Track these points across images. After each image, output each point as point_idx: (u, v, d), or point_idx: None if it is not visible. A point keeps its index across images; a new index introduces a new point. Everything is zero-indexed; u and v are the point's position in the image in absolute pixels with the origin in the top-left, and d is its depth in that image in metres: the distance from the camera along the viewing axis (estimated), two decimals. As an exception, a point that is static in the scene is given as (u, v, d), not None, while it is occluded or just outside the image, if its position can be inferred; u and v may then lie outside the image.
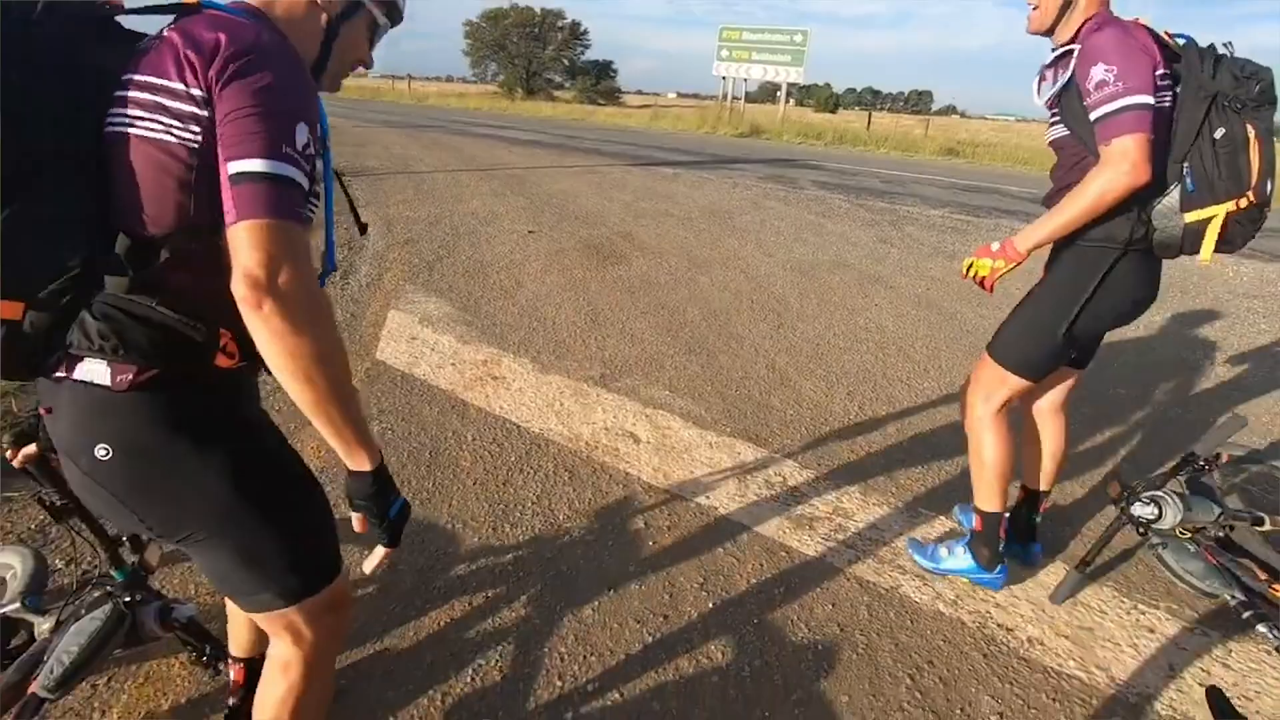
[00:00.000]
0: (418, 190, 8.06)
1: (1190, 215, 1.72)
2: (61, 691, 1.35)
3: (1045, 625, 2.16)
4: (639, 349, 4.04)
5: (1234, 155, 1.64)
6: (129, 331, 0.96)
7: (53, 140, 0.93)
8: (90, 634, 1.40)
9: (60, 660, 1.36)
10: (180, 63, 0.93)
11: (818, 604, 2.21)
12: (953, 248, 6.65)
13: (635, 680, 1.91)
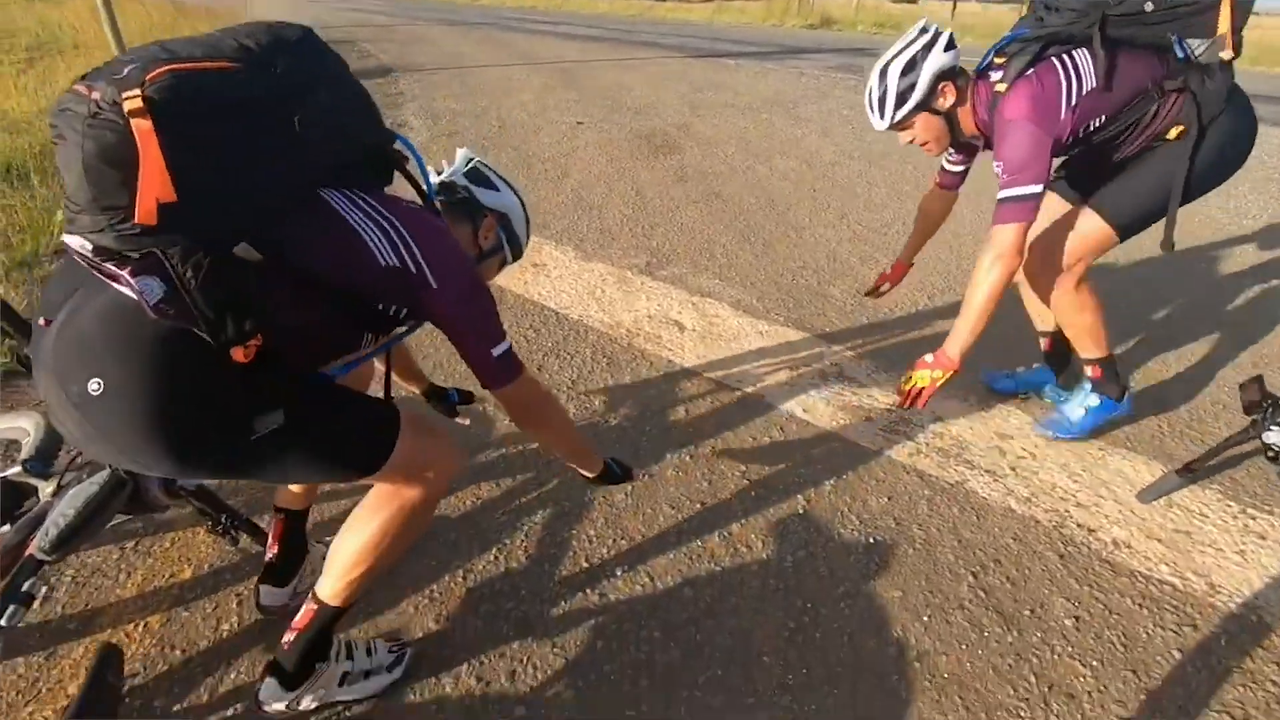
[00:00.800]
0: (465, 85, 7.74)
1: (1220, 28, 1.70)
2: (59, 553, 1.30)
3: (1134, 527, 1.92)
4: (688, 237, 3.78)
5: None
6: (215, 284, 0.99)
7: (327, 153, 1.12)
8: (87, 498, 1.34)
9: (56, 523, 1.30)
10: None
11: (872, 497, 2.01)
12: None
13: (667, 566, 1.78)
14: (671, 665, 1.54)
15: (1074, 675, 1.53)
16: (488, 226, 1.50)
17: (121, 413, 1.01)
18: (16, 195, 3.78)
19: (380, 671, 1.47)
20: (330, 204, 1.14)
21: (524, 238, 1.59)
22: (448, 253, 1.25)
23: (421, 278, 1.19)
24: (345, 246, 1.14)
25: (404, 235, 1.18)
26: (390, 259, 1.16)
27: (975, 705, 1.47)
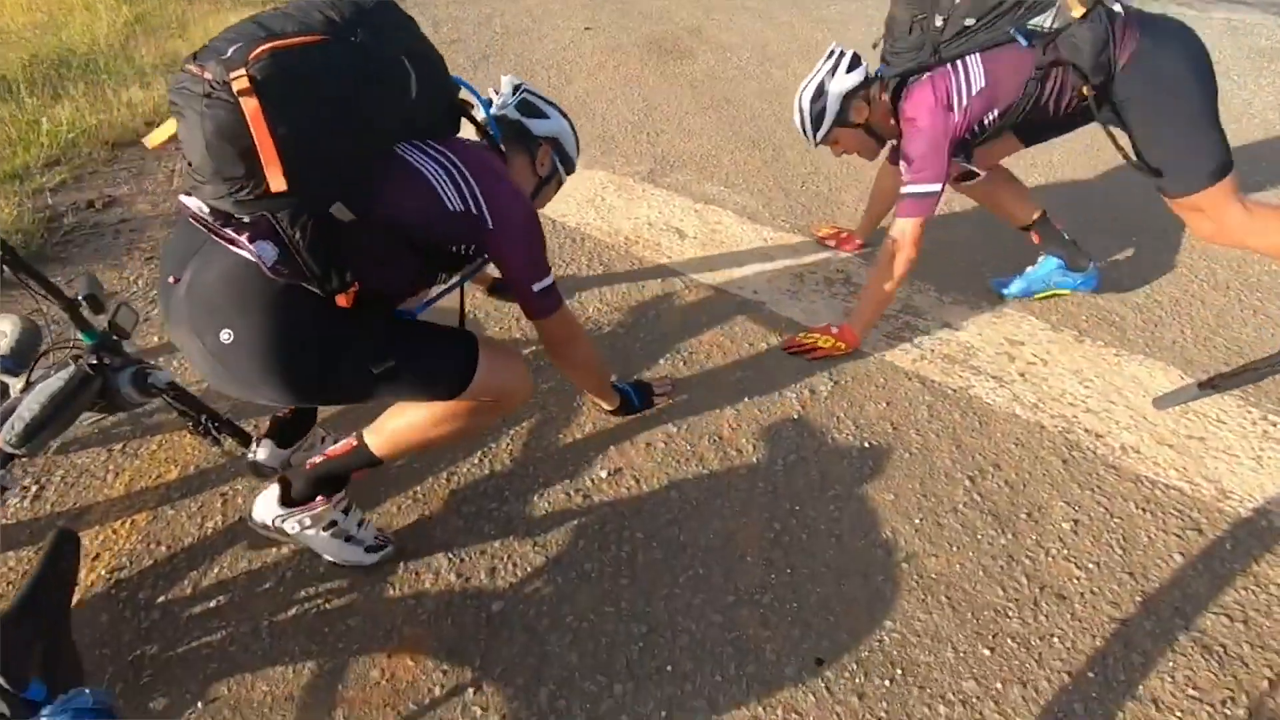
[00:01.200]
0: (469, -9, 7.36)
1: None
2: (26, 446, 1.29)
3: (1144, 433, 1.83)
4: (695, 144, 3.60)
5: None
6: (320, 243, 1.14)
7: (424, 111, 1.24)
8: (52, 392, 1.32)
9: (22, 416, 1.29)
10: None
11: (870, 402, 1.94)
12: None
13: (653, 470, 1.74)
14: (652, 564, 1.52)
15: (1068, 577, 1.49)
16: (543, 154, 1.59)
17: (251, 357, 1.18)
18: (5, 107, 3.70)
19: (359, 545, 1.49)
20: (406, 159, 1.25)
21: (575, 155, 1.69)
22: (505, 194, 1.34)
23: (482, 218, 1.30)
24: (421, 197, 1.25)
25: (468, 180, 1.28)
26: (457, 204, 1.27)
27: (962, 604, 1.44)
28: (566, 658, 1.35)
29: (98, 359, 1.41)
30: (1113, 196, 2.99)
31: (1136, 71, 1.78)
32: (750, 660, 1.34)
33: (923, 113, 1.86)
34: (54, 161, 3.34)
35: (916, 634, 1.39)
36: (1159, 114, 1.83)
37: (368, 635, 1.38)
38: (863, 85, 1.99)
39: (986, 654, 1.35)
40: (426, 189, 1.25)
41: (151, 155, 3.52)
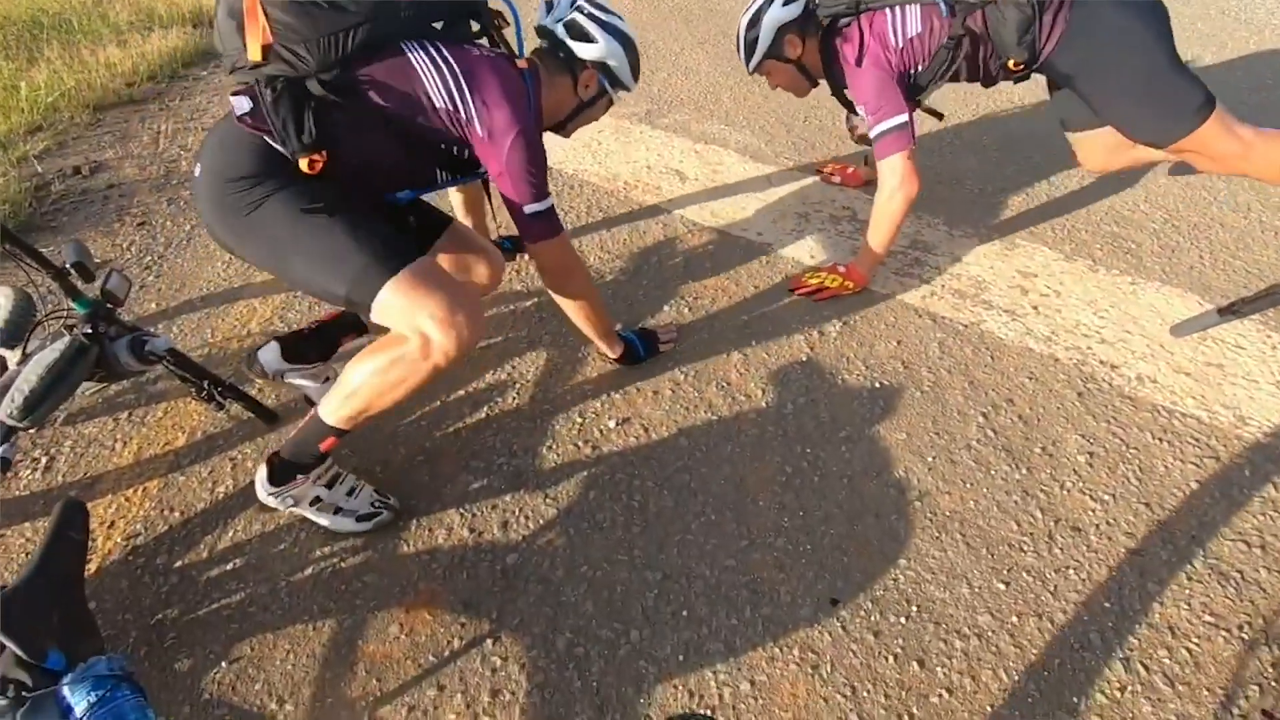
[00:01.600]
0: (451, -71, 7.04)
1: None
2: (28, 419, 1.28)
3: (1161, 362, 1.80)
4: (693, 82, 3.47)
5: None
6: (284, 102, 1.25)
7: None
8: (49, 364, 1.30)
9: (20, 389, 1.28)
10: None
11: (880, 341, 1.91)
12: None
13: (662, 418, 1.73)
14: (664, 511, 1.52)
15: (1083, 510, 1.48)
16: (587, 78, 1.58)
17: (204, 187, 1.33)
18: (-19, 72, 3.59)
19: (349, 515, 1.48)
20: (404, 51, 1.33)
21: (631, 76, 1.64)
22: (501, 104, 1.36)
23: (470, 123, 1.36)
24: (405, 86, 1.32)
25: (460, 81, 1.34)
26: (444, 100, 1.34)
27: (976, 540, 1.43)
28: (582, 607, 1.36)
29: (93, 328, 1.39)
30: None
31: (1070, 50, 1.77)
32: (765, 602, 1.35)
33: (860, 52, 1.85)
34: (36, 128, 3.25)
35: (931, 571, 1.39)
36: (1107, 79, 1.79)
37: (384, 591, 1.39)
38: (799, 20, 1.94)
39: (1001, 588, 1.35)
40: (413, 80, 1.33)
41: (136, 117, 3.43)
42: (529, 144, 1.39)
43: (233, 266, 2.34)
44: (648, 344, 1.86)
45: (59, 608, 0.94)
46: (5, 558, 1.50)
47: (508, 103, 1.37)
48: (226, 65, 1.31)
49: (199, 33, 4.31)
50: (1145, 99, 1.76)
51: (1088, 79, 1.81)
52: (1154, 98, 1.75)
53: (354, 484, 1.50)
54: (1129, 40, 1.73)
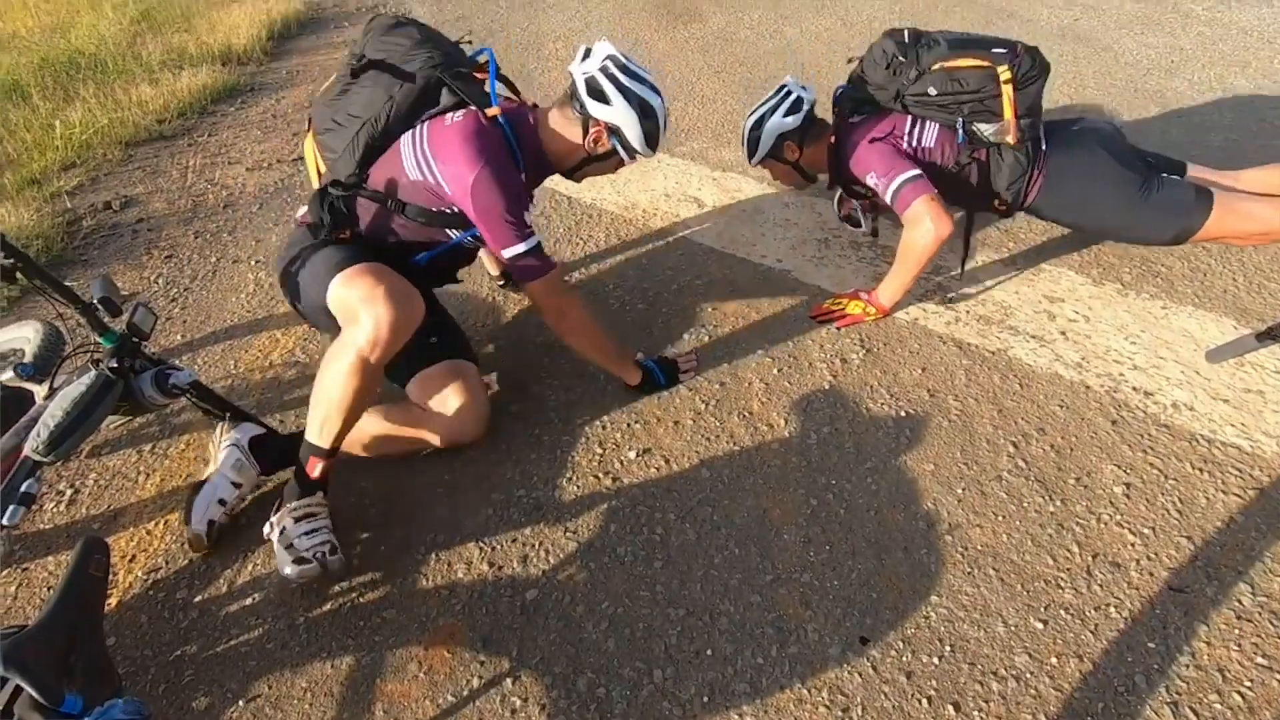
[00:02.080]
0: (471, -34, 7.22)
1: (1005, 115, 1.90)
2: (53, 454, 1.28)
3: (1198, 389, 1.74)
4: (710, 110, 3.49)
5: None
6: (312, 206, 1.61)
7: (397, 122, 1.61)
8: (74, 399, 1.31)
9: (46, 424, 1.29)
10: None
11: (904, 369, 1.87)
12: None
13: (683, 448, 1.70)
14: (686, 545, 1.48)
15: (1122, 544, 1.43)
16: (596, 133, 1.63)
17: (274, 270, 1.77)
18: (19, 113, 3.71)
19: (288, 555, 1.38)
20: (398, 140, 1.60)
21: (644, 144, 1.65)
22: (457, 157, 1.50)
23: (440, 185, 1.54)
24: (392, 171, 1.58)
25: (424, 150, 1.54)
26: (417, 173, 1.55)
27: (1010, 575, 1.38)
28: (604, 644, 1.32)
29: (118, 362, 1.40)
30: (1151, 138, 2.85)
31: (1049, 195, 1.97)
32: (792, 641, 1.31)
33: (876, 133, 1.99)
34: (70, 164, 3.35)
35: (964, 608, 1.34)
36: (1094, 212, 1.97)
37: (403, 628, 1.37)
38: (799, 129, 2.12)
39: (1039, 627, 1.30)
40: (395, 165, 1.58)
41: (166, 153, 3.52)
42: (492, 185, 1.49)
43: (256, 298, 2.37)
44: (668, 372, 1.85)
45: (77, 649, 0.93)
46: (28, 591, 1.50)
47: (464, 153, 1.50)
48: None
49: (228, 70, 4.44)
50: (1138, 215, 1.91)
51: (1076, 215, 2.01)
52: (1146, 210, 1.89)
53: (319, 526, 1.43)
54: (1098, 173, 1.92)
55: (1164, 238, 1.93)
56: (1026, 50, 1.88)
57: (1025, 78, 1.85)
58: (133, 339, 1.46)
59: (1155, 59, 3.55)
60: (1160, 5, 4.26)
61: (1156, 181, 1.90)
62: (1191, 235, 1.88)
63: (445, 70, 1.59)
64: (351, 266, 1.47)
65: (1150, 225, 1.93)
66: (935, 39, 1.95)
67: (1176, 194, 1.89)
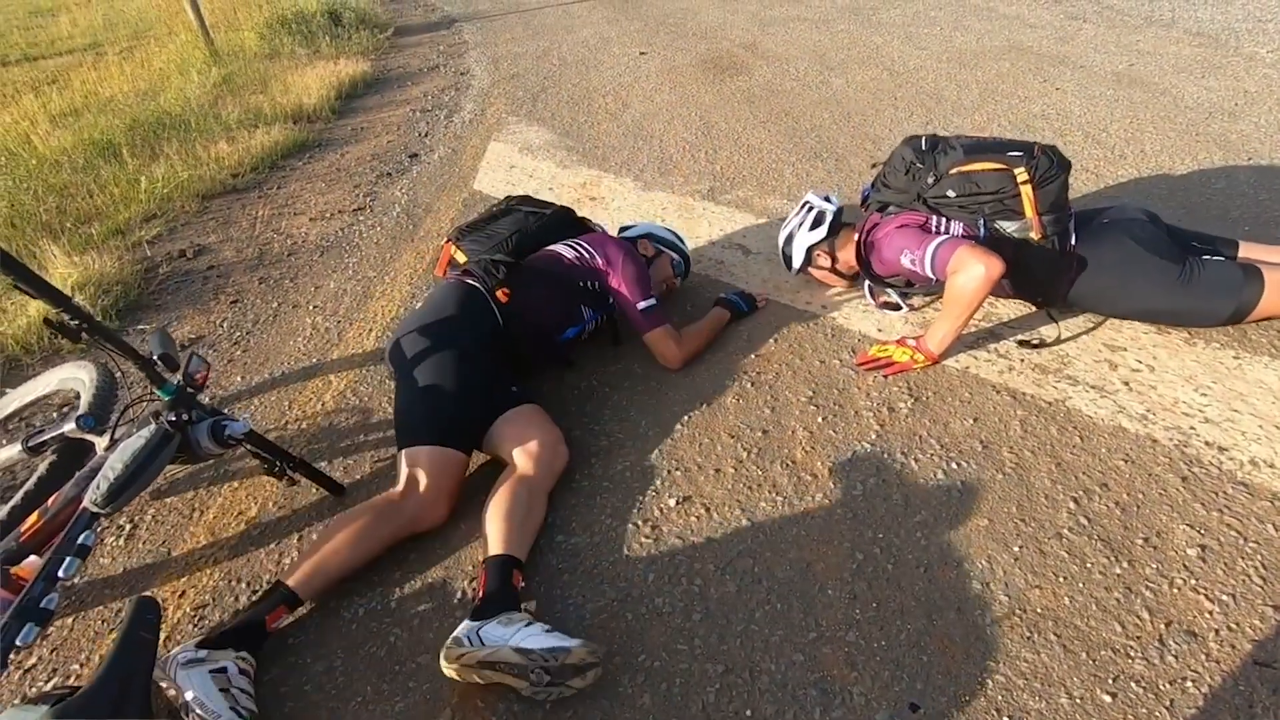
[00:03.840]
0: (527, 26, 7.56)
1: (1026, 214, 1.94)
2: (112, 506, 1.32)
3: (1278, 444, 1.63)
4: (755, 159, 3.53)
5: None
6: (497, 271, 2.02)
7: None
8: (134, 451, 1.36)
9: (106, 476, 1.33)
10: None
11: (956, 419, 1.81)
12: (1171, 14, 5.19)
13: (724, 497, 1.67)
14: (726, 598, 1.44)
15: (1198, 611, 1.32)
16: (643, 245, 2.31)
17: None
18: (110, 169, 4.01)
19: (223, 700, 1.25)
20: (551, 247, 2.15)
21: (675, 241, 2.40)
22: (609, 243, 2.12)
23: (594, 259, 2.08)
24: (549, 258, 2.10)
25: (583, 243, 2.12)
26: (572, 257, 2.09)
27: (1074, 643, 1.29)
28: (639, 700, 1.28)
29: (176, 415, 1.45)
30: (1214, 182, 2.75)
31: (1083, 290, 1.98)
32: (837, 704, 1.24)
33: (904, 221, 2.06)
34: (151, 216, 3.58)
35: (1023, 676, 1.25)
36: (1136, 301, 1.95)
37: (437, 675, 1.35)
38: (826, 239, 2.27)
39: (1107, 700, 1.20)
40: (553, 253, 2.11)
41: (238, 204, 3.73)
42: (634, 259, 2.08)
43: (313, 342, 2.46)
44: (749, 300, 2.33)
45: (124, 712, 0.95)
46: (86, 633, 1.55)
47: (614, 241, 2.13)
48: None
49: (298, 127, 4.72)
50: (1181, 302, 1.89)
51: (1118, 307, 2.01)
52: (1188, 296, 1.88)
53: (246, 686, 1.31)
54: (1130, 265, 1.91)
55: (1217, 320, 1.91)
56: (1044, 150, 1.92)
57: (1044, 177, 1.89)
58: (188, 389, 1.52)
59: (1217, 102, 3.45)
60: (1221, 49, 4.16)
61: (1197, 266, 1.88)
62: (1246, 315, 1.87)
63: None
64: (411, 447, 1.70)
65: (1197, 311, 1.90)
66: (952, 144, 2.02)
67: (1222, 275, 1.86)
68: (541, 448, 1.69)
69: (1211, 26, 4.59)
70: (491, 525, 1.52)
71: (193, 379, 1.52)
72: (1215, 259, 1.93)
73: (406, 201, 3.56)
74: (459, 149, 4.18)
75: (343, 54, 6.54)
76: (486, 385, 1.79)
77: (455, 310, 1.88)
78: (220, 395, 2.25)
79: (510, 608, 1.37)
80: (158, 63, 6.74)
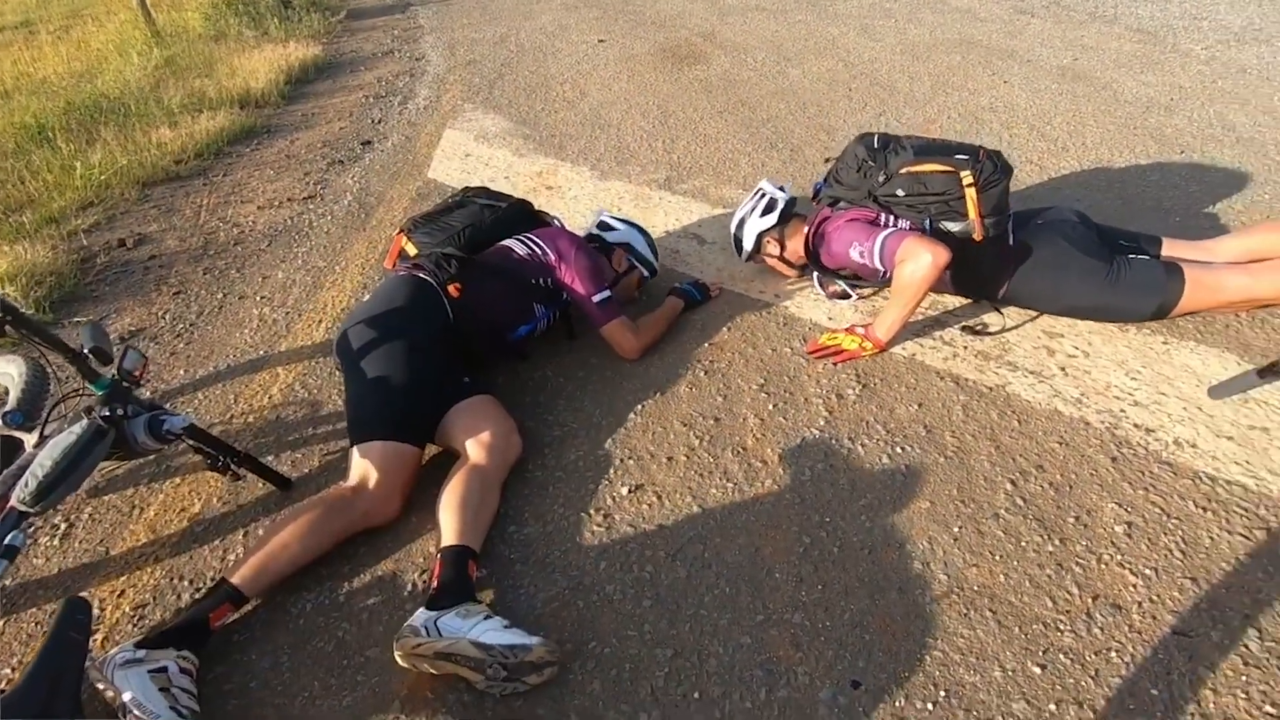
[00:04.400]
0: (484, 12, 7.43)
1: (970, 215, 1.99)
2: (41, 505, 1.26)
3: (1200, 425, 1.71)
4: (712, 149, 3.55)
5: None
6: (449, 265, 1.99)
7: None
8: (65, 448, 1.30)
9: (35, 474, 1.27)
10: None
11: (901, 405, 1.86)
12: (1114, 10, 5.35)
13: (676, 484, 1.69)
14: (677, 584, 1.46)
15: (1123, 585, 1.39)
16: (618, 257, 2.29)
17: None
18: (42, 154, 3.83)
19: (162, 699, 1.23)
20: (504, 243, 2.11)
21: (650, 256, 2.35)
22: (559, 237, 2.08)
23: (545, 254, 2.05)
24: (500, 253, 2.06)
25: (533, 238, 2.09)
26: (523, 252, 2.06)
27: (1008, 618, 1.34)
28: (589, 686, 1.30)
29: (110, 410, 1.40)
30: (1150, 175, 2.85)
31: (1019, 287, 2.06)
32: (782, 684, 1.27)
33: (853, 216, 2.11)
34: (88, 204, 3.44)
35: (960, 651, 1.30)
36: (1067, 298, 2.03)
37: (387, 667, 1.35)
38: (776, 226, 2.31)
39: (1037, 672, 1.26)
40: (505, 249, 2.07)
41: (181, 192, 3.61)
42: (586, 251, 2.05)
43: (260, 334, 2.40)
44: (702, 289, 2.35)
45: (52, 715, 0.92)
46: (19, 636, 1.50)
47: (564, 235, 2.10)
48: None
49: (245, 113, 4.57)
50: (1109, 299, 1.97)
51: (1052, 304, 2.07)
52: (1115, 294, 1.96)
53: (188, 684, 1.28)
54: (1063, 264, 1.99)
55: (1141, 316, 2.00)
56: (988, 155, 1.98)
57: (988, 181, 1.95)
58: (124, 384, 1.46)
59: (1154, 97, 3.58)
60: (1159, 45, 4.31)
61: (1124, 265, 1.96)
62: (1170, 311, 1.96)
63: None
64: (363, 443, 1.67)
65: (1123, 308, 1.99)
66: (903, 144, 2.08)
67: (1145, 274, 1.95)
68: (494, 438, 1.68)
69: (1151, 23, 4.74)
70: (445, 516, 1.52)
71: (129, 373, 1.47)
72: (1141, 258, 2.02)
73: (359, 190, 3.48)
74: (413, 136, 4.11)
75: (293, 37, 6.36)
76: (438, 377, 1.78)
77: (405, 303, 1.84)
78: (162, 389, 2.19)
79: (467, 598, 1.37)
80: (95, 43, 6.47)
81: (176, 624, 1.36)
